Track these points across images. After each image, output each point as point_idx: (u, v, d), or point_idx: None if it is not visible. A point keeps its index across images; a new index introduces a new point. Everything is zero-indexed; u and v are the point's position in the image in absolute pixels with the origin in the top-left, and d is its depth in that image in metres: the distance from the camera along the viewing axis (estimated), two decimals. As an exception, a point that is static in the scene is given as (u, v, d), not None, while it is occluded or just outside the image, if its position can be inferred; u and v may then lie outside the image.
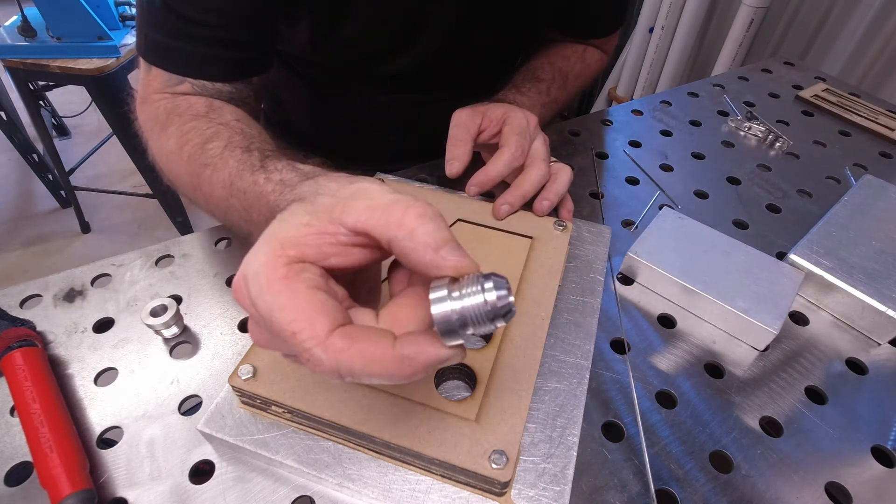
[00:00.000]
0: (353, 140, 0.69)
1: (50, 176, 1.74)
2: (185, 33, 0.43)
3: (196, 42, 0.44)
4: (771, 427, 0.38)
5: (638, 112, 0.69)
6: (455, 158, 0.46)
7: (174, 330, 0.40)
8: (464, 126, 0.47)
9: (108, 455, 0.34)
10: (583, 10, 0.61)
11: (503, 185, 0.48)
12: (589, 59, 0.66)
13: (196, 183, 0.41)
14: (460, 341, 0.23)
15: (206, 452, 0.34)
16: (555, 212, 0.47)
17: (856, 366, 0.42)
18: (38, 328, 0.41)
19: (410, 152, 0.68)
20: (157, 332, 0.40)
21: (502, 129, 0.47)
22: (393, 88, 0.61)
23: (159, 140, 0.44)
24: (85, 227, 1.72)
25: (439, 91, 0.62)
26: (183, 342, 0.40)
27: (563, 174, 0.47)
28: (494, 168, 0.45)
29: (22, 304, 0.43)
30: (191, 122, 0.43)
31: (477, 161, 0.49)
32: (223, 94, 0.46)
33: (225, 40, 0.44)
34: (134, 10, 1.31)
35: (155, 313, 0.39)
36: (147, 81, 0.46)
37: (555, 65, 0.61)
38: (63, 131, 2.07)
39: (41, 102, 1.72)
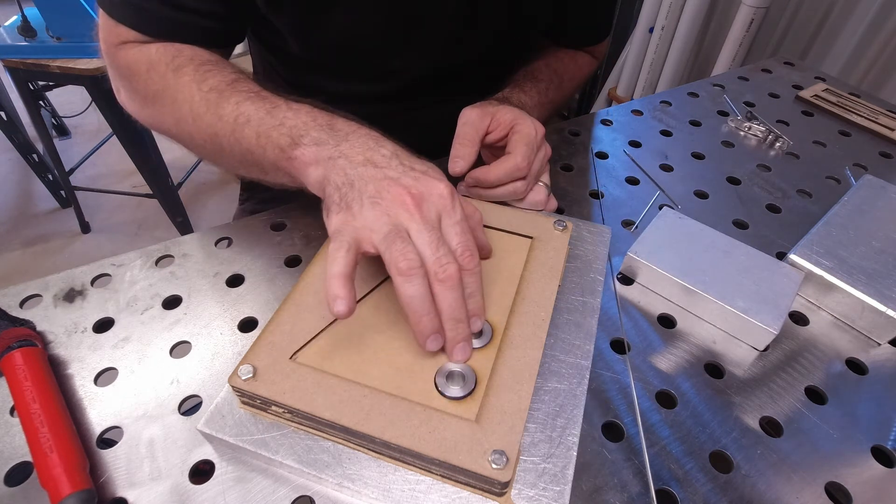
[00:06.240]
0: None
1: (50, 176, 1.74)
2: None
3: (166, 5, 0.44)
4: (771, 427, 0.38)
5: (638, 112, 0.69)
6: (460, 157, 0.46)
7: None
8: (472, 125, 0.47)
9: (108, 455, 0.34)
10: (575, 22, 0.63)
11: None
12: (581, 62, 0.67)
13: (216, 110, 0.41)
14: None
15: (206, 452, 0.34)
16: (558, 211, 0.47)
17: (856, 366, 0.42)
18: (38, 328, 0.41)
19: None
20: None
21: (511, 136, 0.47)
22: (384, 93, 0.60)
23: (164, 79, 0.44)
24: (85, 227, 1.72)
25: (435, 96, 0.62)
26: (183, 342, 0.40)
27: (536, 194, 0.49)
28: (495, 172, 0.45)
29: (22, 304, 0.43)
30: (206, 64, 0.44)
31: (477, 161, 0.49)
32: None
33: (198, 10, 0.44)
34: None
35: None
36: (117, 31, 0.45)
37: (551, 66, 0.62)
38: (63, 131, 2.07)
39: (41, 102, 1.72)
